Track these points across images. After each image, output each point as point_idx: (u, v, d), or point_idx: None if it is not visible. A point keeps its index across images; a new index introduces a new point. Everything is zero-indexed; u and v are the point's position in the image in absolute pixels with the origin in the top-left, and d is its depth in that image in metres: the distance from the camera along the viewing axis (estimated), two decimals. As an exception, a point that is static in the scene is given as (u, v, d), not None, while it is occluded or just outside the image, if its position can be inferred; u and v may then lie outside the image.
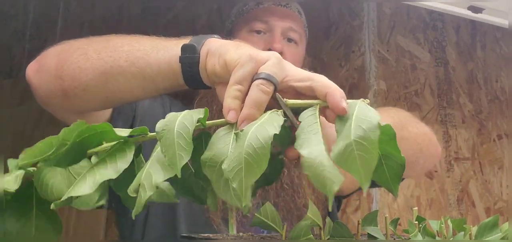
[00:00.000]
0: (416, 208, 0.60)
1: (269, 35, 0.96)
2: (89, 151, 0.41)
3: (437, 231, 0.57)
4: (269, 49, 0.92)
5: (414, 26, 1.66)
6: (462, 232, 0.56)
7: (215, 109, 0.83)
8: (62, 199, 0.37)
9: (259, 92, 0.45)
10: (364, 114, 0.40)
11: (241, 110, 0.45)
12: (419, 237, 0.53)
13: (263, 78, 0.46)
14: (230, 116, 0.44)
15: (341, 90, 0.44)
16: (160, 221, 0.87)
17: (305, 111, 0.43)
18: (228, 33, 1.05)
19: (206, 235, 0.55)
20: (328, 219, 0.53)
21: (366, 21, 1.56)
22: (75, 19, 1.93)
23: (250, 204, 0.37)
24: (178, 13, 1.78)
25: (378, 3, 1.57)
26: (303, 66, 1.04)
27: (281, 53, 0.92)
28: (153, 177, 0.39)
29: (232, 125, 0.44)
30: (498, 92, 1.78)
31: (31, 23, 2.06)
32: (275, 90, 0.46)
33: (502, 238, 0.52)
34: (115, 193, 0.45)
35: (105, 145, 0.41)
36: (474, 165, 1.69)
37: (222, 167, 0.38)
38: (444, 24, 1.71)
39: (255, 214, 0.50)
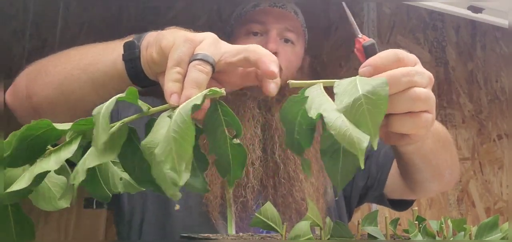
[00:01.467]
0: (416, 208, 0.60)
1: (265, 36, 0.97)
2: (50, 149, 0.41)
3: (437, 231, 0.57)
4: None
5: (414, 26, 1.66)
6: (462, 232, 0.56)
7: None
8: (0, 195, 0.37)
9: (197, 72, 0.44)
10: (367, 79, 0.41)
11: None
12: (419, 237, 0.53)
13: (200, 59, 0.45)
14: (172, 100, 0.43)
15: (274, 57, 0.45)
16: (155, 222, 0.88)
17: (310, 88, 0.43)
18: (228, 37, 1.06)
19: (206, 235, 0.55)
20: (328, 219, 0.53)
21: (366, 21, 1.56)
22: (75, 19, 1.93)
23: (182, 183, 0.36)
24: (178, 13, 1.78)
25: (378, 3, 1.58)
26: (302, 66, 1.04)
27: (276, 53, 0.92)
28: (87, 162, 0.39)
29: (176, 108, 0.42)
30: (498, 92, 1.78)
31: (31, 23, 2.06)
32: (213, 70, 0.46)
33: (502, 238, 0.52)
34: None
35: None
36: (474, 165, 1.69)
37: (155, 152, 0.37)
38: (444, 24, 1.71)
39: (255, 214, 0.50)
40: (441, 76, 1.69)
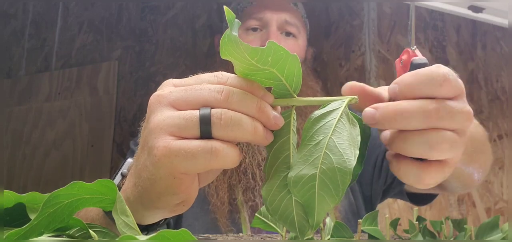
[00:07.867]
0: (417, 208, 0.60)
1: (264, 31, 0.94)
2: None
3: (437, 231, 0.57)
4: None
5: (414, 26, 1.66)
6: (463, 232, 0.56)
7: None
8: None
9: None
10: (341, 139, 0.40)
11: None
12: (420, 237, 0.53)
13: None
14: None
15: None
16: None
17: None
18: None
19: (206, 235, 0.55)
20: (328, 219, 0.53)
21: (366, 20, 1.56)
22: (75, 19, 1.92)
23: None
24: (177, 13, 1.77)
25: (378, 3, 1.57)
26: (305, 58, 1.02)
27: None
28: None
29: None
30: (498, 92, 1.78)
31: (30, 23, 2.06)
32: None
33: (503, 239, 0.51)
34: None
35: None
36: (475, 165, 1.69)
37: None
38: (444, 23, 1.71)
39: (255, 214, 0.50)
40: (441, 76, 1.69)
